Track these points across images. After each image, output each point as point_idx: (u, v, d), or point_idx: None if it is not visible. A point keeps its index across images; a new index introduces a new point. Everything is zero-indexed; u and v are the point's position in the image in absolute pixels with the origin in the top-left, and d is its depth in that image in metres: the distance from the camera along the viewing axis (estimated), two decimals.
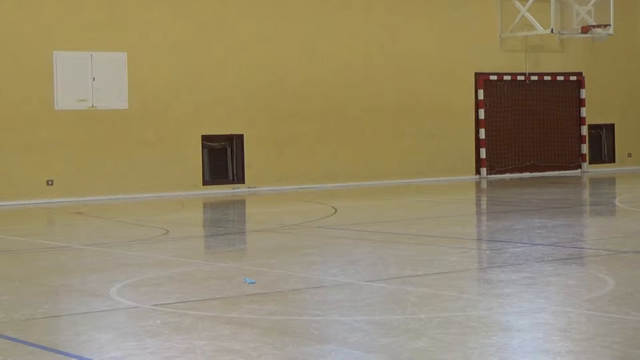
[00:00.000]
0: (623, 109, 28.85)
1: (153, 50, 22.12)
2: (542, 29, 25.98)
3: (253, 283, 9.68)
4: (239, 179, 23.30)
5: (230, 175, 23.33)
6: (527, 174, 27.01)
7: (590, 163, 28.24)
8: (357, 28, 24.52)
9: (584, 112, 27.99)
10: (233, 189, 23.14)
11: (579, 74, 27.92)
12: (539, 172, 27.23)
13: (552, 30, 25.79)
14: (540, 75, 27.28)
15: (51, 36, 21.10)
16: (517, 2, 26.32)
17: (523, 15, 26.18)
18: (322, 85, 24.05)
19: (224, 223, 17.50)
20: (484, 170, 26.34)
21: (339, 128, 24.34)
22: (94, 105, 21.55)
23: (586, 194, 22.43)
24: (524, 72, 27.00)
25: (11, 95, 20.79)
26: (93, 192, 21.48)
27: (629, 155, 28.98)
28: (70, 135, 21.32)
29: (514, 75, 26.87)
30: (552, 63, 27.55)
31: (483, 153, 26.35)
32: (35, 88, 20.99)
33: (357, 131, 24.55)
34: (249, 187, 23.26)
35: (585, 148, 28.08)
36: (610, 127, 28.79)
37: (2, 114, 20.73)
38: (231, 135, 23.20)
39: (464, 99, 26.20)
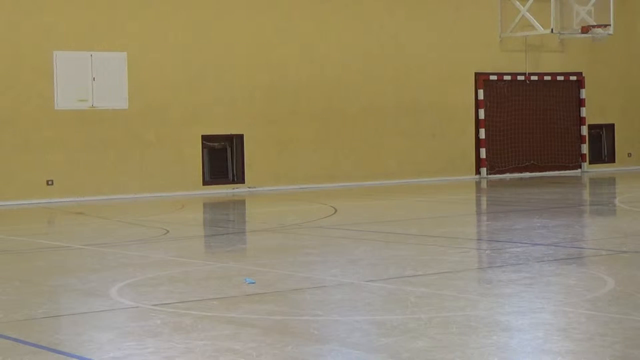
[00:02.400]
0: (623, 109, 28.84)
1: (153, 50, 22.12)
2: (542, 29, 25.98)
3: (253, 283, 9.68)
4: (239, 179, 23.30)
5: (230, 175, 23.33)
6: (527, 174, 27.01)
7: (590, 163, 28.24)
8: (357, 28, 24.52)
9: (584, 112, 27.99)
10: (233, 189, 23.14)
11: (579, 74, 27.92)
12: (539, 172, 27.23)
13: (552, 30, 25.79)
14: (540, 75, 27.28)
15: (51, 36, 21.11)
16: (517, 2, 26.32)
17: (523, 15, 26.18)
18: (322, 85, 24.05)
19: (224, 223, 17.49)
20: (484, 170, 26.34)
21: (339, 128, 24.34)
22: (94, 105, 21.55)
23: (586, 194, 22.44)
24: (524, 72, 27.00)
25: (11, 95, 20.80)
26: (93, 192, 21.48)
27: (629, 155, 28.98)
28: (70, 135, 21.32)
29: (514, 75, 26.87)
30: (552, 63, 27.55)
31: (483, 153, 26.35)
32: (35, 88, 20.99)
33: (357, 131, 24.55)
34: (249, 187, 23.26)
35: (585, 148, 28.08)
36: (610, 127, 28.79)
37: (2, 114, 20.73)
38: (231, 135, 23.20)
39: (464, 99, 26.20)
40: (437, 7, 25.70)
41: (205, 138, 22.90)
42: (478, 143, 26.37)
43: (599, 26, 26.19)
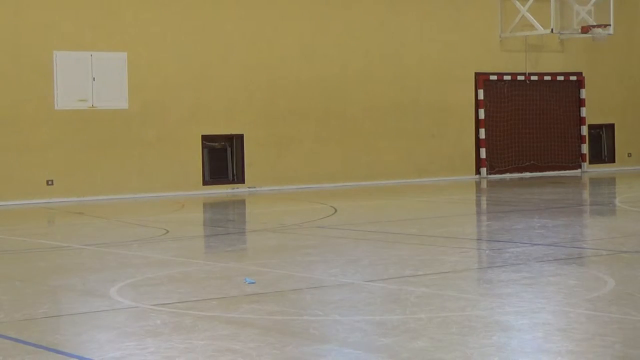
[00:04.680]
0: (623, 108, 28.84)
1: (153, 50, 22.12)
2: (542, 29, 25.98)
3: (253, 283, 9.68)
4: (239, 179, 23.30)
5: (230, 175, 23.33)
6: (527, 174, 27.01)
7: (590, 163, 28.24)
8: (357, 28, 24.51)
9: (584, 112, 27.99)
10: (233, 189, 23.14)
11: (579, 74, 27.92)
12: (539, 172, 27.23)
13: (552, 30, 25.80)
14: (540, 75, 27.28)
15: (51, 36, 21.10)
16: (517, 2, 26.32)
17: (523, 15, 26.19)
18: (322, 85, 24.04)
19: (224, 223, 17.50)
20: (484, 170, 26.34)
21: (339, 128, 24.34)
22: (94, 105, 21.55)
23: (586, 194, 22.44)
24: (524, 72, 27.00)
25: (11, 95, 20.79)
26: (93, 192, 21.48)
27: (629, 155, 28.98)
28: (70, 135, 21.32)
29: (514, 75, 26.87)
30: (552, 63, 27.55)
31: (483, 153, 26.35)
32: (35, 88, 20.98)
33: (357, 131, 24.55)
34: (249, 187, 23.26)
35: (585, 148, 28.08)
36: (610, 127, 28.79)
37: (2, 114, 20.72)
38: (231, 135, 23.20)
39: (464, 99, 26.20)
40: (437, 7, 25.69)
41: (205, 138, 22.90)
42: (478, 143, 26.37)
43: (599, 26, 26.20)
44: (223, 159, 23.27)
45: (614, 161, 28.84)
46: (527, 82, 27.06)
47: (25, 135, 20.92)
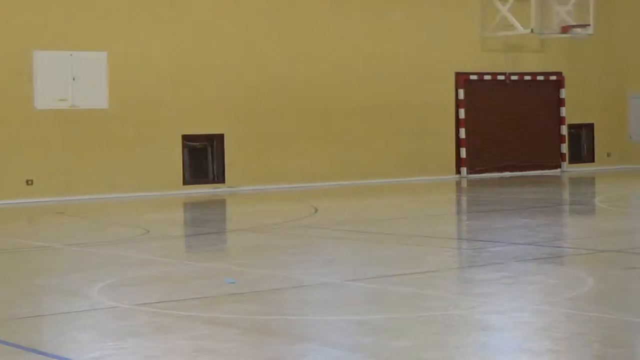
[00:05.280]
0: (602, 108, 28.95)
1: (133, 49, 22.06)
2: (522, 29, 26.04)
3: (233, 283, 9.68)
4: (220, 178, 23.27)
5: (210, 174, 23.30)
6: (507, 174, 27.07)
7: (569, 162, 28.33)
8: (339, 29, 24.51)
9: (563, 111, 28.08)
10: (213, 188, 23.11)
11: (559, 74, 28.01)
12: (519, 171, 27.30)
13: (532, 30, 25.86)
14: (521, 75, 27.36)
15: (31, 35, 21.02)
16: (498, 2, 26.37)
17: (503, 15, 26.24)
18: (303, 84, 24.02)
19: (205, 223, 17.48)
20: (464, 170, 26.39)
21: (320, 128, 24.33)
22: (74, 105, 21.47)
23: (566, 194, 22.52)
24: (504, 71, 27.06)
25: None
26: (73, 192, 21.41)
27: (608, 155, 29.09)
28: (50, 134, 21.24)
29: (494, 75, 26.92)
30: (532, 63, 27.63)
31: (463, 152, 26.39)
32: (15, 87, 20.89)
33: (337, 131, 24.54)
34: (229, 187, 23.23)
35: (565, 147, 28.17)
36: (590, 127, 28.90)
37: None
38: (212, 134, 23.16)
39: (444, 99, 26.23)
40: (418, 6, 25.72)
41: (185, 138, 22.85)
42: (458, 142, 26.41)
43: (578, 26, 26.30)
44: (203, 158, 23.24)
45: (593, 161, 28.94)
46: (507, 82, 27.13)
47: (5, 135, 20.83)
